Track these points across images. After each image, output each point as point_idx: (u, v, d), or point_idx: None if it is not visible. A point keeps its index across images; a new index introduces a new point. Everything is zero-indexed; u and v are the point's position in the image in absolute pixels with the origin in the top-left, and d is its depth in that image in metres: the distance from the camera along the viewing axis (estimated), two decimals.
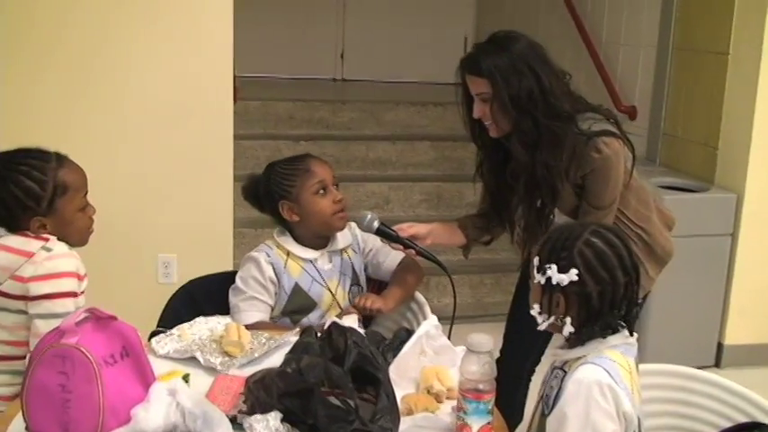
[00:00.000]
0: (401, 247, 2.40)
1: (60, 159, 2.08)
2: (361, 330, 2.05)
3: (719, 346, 4.01)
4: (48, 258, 1.98)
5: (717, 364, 3.99)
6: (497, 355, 2.62)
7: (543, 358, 2.63)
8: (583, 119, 2.32)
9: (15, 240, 2.01)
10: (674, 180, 4.04)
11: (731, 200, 3.87)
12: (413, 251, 2.40)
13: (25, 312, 1.99)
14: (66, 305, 1.97)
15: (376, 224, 2.39)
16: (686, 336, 3.90)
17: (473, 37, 6.50)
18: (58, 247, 2.02)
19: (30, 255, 1.98)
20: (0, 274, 1.99)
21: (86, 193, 2.13)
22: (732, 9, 3.84)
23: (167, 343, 2.11)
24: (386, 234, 2.40)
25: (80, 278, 2.03)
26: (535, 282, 1.77)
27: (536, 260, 1.77)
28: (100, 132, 3.40)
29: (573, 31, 5.07)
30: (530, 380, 2.75)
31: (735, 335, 4.01)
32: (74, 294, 2.01)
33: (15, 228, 2.03)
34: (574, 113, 2.31)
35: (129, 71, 3.41)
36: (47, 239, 2.01)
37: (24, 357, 1.98)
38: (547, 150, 2.30)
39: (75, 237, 2.11)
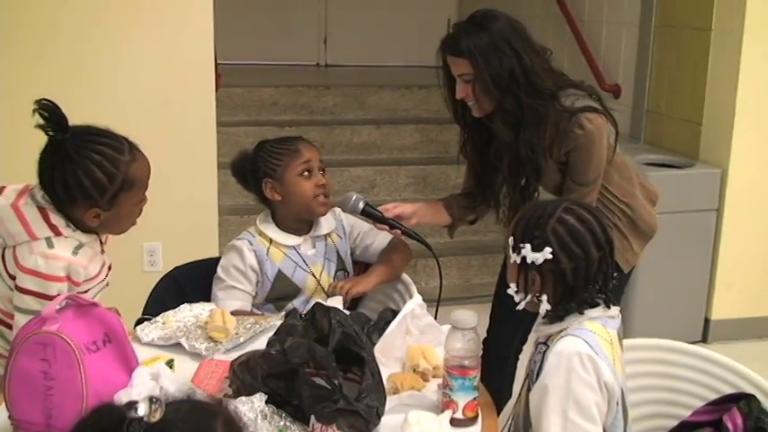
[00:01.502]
0: (387, 227, 2.40)
1: (133, 151, 1.99)
2: (346, 312, 2.05)
3: (706, 321, 4.03)
4: (43, 255, 1.90)
5: (704, 339, 4.01)
6: (484, 335, 2.63)
7: (529, 337, 2.63)
8: (565, 95, 2.32)
9: (33, 215, 1.92)
10: (658, 157, 4.05)
11: (716, 175, 3.88)
12: (398, 231, 2.39)
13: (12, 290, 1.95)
14: (47, 306, 1.90)
15: (361, 205, 2.39)
16: (673, 311, 3.92)
17: (456, 19, 6.38)
18: (60, 247, 1.92)
19: (34, 237, 1.91)
20: (7, 237, 1.94)
21: (147, 188, 2.04)
22: None
23: (152, 330, 2.10)
24: (371, 215, 2.40)
25: (75, 283, 1.94)
26: (511, 261, 1.78)
27: (511, 239, 1.77)
28: (80, 121, 3.37)
29: (555, 11, 5.06)
30: (517, 359, 2.76)
31: (721, 309, 4.02)
32: (59, 296, 1.94)
33: (67, 208, 1.94)
34: (556, 90, 2.30)
35: (109, 59, 3.38)
36: (58, 233, 1.93)
37: (11, 327, 1.97)
38: (530, 129, 2.29)
39: (119, 228, 2.05)
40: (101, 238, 2.07)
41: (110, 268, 2.11)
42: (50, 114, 1.89)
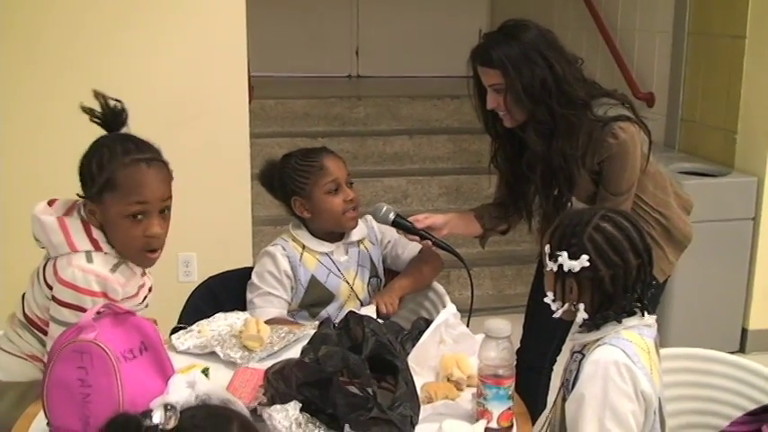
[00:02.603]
0: (417, 238, 2.40)
1: (139, 161, 1.95)
2: (380, 321, 2.05)
3: (744, 331, 3.98)
4: (81, 268, 1.91)
5: (741, 350, 3.95)
6: (518, 345, 2.61)
7: (564, 346, 2.62)
8: (598, 104, 2.30)
9: (76, 228, 1.95)
10: (693, 165, 4.01)
11: (752, 183, 3.83)
12: (429, 242, 2.39)
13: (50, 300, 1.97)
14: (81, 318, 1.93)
15: (392, 216, 2.39)
16: (710, 322, 3.87)
17: (487, 29, 6.41)
18: (99, 262, 1.93)
19: (75, 249, 1.93)
20: (50, 248, 1.96)
21: (144, 209, 1.94)
22: None
23: (187, 339, 2.12)
24: (402, 225, 2.40)
25: (113, 300, 1.92)
26: (548, 269, 1.77)
27: (547, 248, 1.76)
28: None
29: (588, 20, 5.04)
30: (551, 369, 2.74)
31: (759, 319, 3.96)
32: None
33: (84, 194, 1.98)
34: (588, 100, 2.29)
35: (144, 71, 3.42)
36: (98, 248, 1.95)
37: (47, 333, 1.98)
38: (563, 139, 2.28)
39: (123, 249, 1.98)
40: None
41: (150, 290, 2.12)
42: (109, 110, 2.02)
